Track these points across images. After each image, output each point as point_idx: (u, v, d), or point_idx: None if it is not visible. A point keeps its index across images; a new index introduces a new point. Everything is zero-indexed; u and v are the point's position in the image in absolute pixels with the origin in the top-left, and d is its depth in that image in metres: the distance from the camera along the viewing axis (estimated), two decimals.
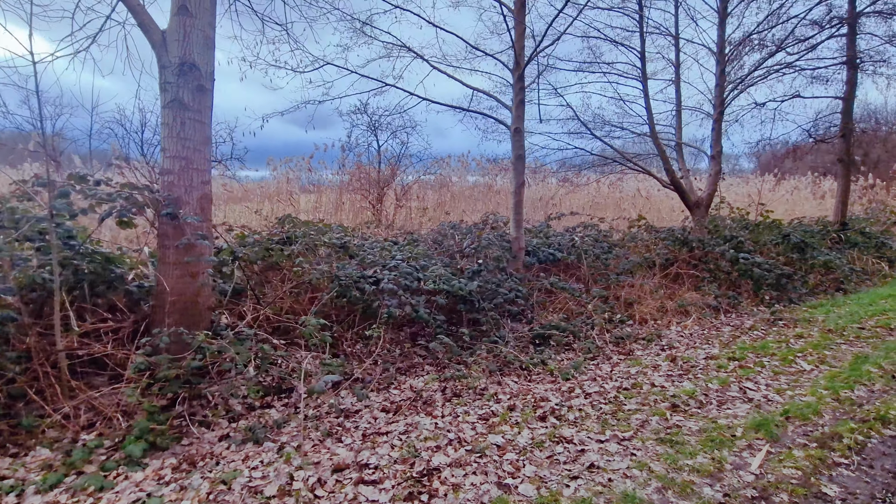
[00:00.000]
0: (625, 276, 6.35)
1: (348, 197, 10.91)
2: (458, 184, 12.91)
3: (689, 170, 8.41)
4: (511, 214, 5.85)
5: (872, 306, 5.85)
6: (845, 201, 10.02)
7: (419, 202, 11.84)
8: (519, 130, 5.66)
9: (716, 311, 6.16)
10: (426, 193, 12.19)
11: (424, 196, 12.03)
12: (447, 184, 12.79)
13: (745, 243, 7.47)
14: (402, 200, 11.29)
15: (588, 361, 4.43)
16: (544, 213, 9.13)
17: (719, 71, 7.63)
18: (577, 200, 11.96)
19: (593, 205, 11.87)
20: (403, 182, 11.39)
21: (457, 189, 12.51)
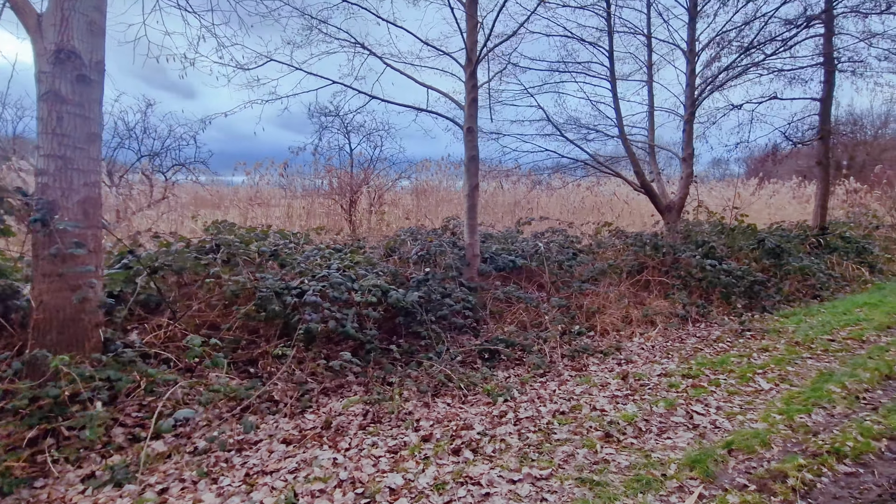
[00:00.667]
0: (589, 284, 6.01)
1: (321, 202, 10.54)
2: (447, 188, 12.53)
3: (661, 173, 8.12)
4: (464, 219, 5.50)
5: (846, 315, 5.55)
6: (825, 205, 9.77)
7: (394, 207, 11.48)
8: (472, 130, 5.33)
9: (683, 320, 5.83)
10: (405, 198, 11.81)
11: (402, 201, 11.66)
12: (426, 188, 12.45)
13: (718, 249, 7.17)
14: (377, 205, 10.93)
15: (537, 378, 4.08)
16: (518, 217, 8.80)
17: (690, 70, 7.36)
18: (554, 205, 11.66)
19: (572, 209, 11.58)
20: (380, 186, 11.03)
21: (443, 193, 12.12)
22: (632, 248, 6.78)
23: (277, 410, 3.36)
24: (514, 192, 11.00)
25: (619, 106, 7.46)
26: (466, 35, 5.25)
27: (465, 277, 5.44)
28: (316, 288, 3.89)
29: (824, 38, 9.36)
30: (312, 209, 10.55)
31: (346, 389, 3.76)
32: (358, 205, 10.72)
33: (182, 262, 4.06)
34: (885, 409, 2.95)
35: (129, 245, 4.54)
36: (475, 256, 5.47)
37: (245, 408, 3.32)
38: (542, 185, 9.98)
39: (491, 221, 9.60)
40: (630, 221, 10.82)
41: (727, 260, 7.26)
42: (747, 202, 13.45)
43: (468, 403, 3.48)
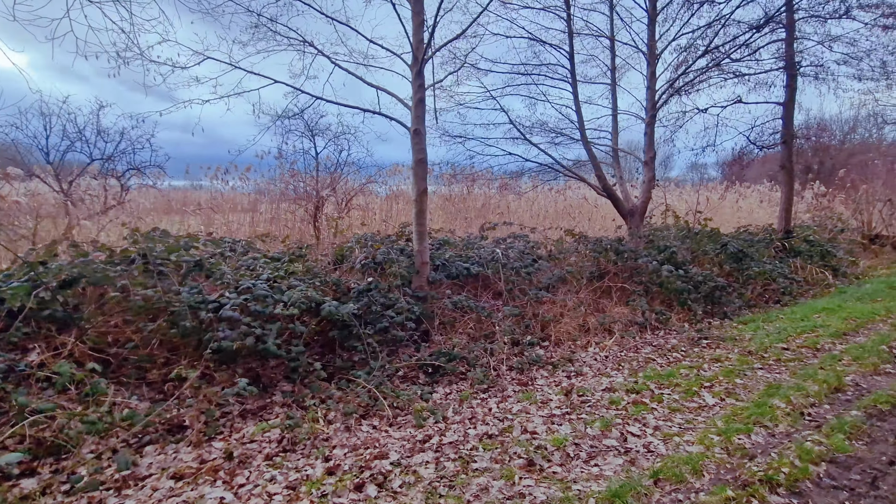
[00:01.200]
0: (546, 291, 5.81)
1: (288, 207, 10.18)
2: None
3: (623, 177, 8.00)
4: (413, 225, 5.25)
5: (804, 322, 5.44)
6: (789, 209, 9.80)
7: (365, 213, 11.16)
8: (419, 132, 5.09)
9: (642, 328, 5.67)
10: (375, 203, 11.48)
11: (372, 206, 11.32)
12: (397, 193, 12.16)
13: (680, 254, 7.05)
14: (344, 210, 10.60)
15: (479, 394, 3.84)
16: (484, 223, 8.58)
17: (650, 73, 7.26)
18: (525, 210, 11.49)
19: (543, 214, 11.42)
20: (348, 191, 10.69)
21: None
22: (592, 254, 6.61)
23: (182, 438, 3.05)
24: (485, 197, 10.80)
25: (581, 109, 7.33)
26: (412, 33, 5.02)
27: (414, 286, 5.18)
28: (236, 302, 3.58)
29: (785, 42, 9.41)
30: (277, 215, 10.19)
31: (268, 411, 3.46)
32: (324, 210, 10.39)
33: (90, 274, 3.71)
34: (829, 426, 2.78)
35: (42, 256, 4.18)
36: (424, 264, 5.21)
37: (145, 436, 3.00)
38: (510, 189, 9.80)
39: (461, 227, 9.38)
40: (602, 226, 10.68)
41: (690, 265, 7.15)
42: (717, 206, 13.50)
43: (395, 426, 3.21)
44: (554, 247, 6.95)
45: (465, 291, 5.86)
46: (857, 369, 3.77)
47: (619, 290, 6.53)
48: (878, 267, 10.56)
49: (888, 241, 12.21)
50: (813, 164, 26.27)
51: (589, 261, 6.82)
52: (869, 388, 3.43)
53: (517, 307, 5.63)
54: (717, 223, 13.27)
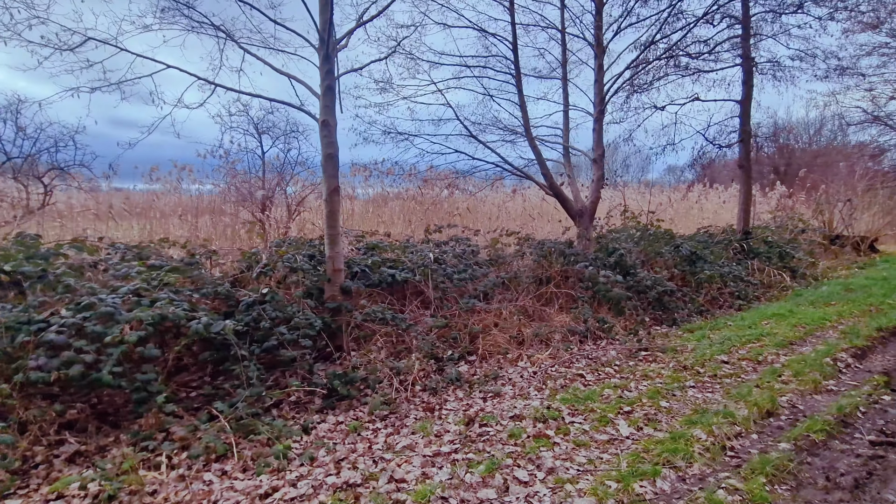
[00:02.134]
0: (477, 300, 5.31)
1: (230, 210, 9.47)
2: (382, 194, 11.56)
3: (573, 175, 7.58)
4: (325, 228, 4.68)
5: (752, 329, 5.06)
6: (747, 209, 9.55)
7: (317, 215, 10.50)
8: (328, 124, 4.53)
9: (583, 338, 5.22)
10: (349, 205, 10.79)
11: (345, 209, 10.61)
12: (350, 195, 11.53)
13: (630, 257, 6.65)
14: (295, 213, 9.95)
15: (375, 423, 3.30)
16: (429, 225, 8.04)
17: (598, 66, 6.86)
18: (482, 211, 11.00)
19: (499, 215, 10.95)
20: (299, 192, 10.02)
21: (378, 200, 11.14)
22: (532, 258, 6.14)
23: None
24: (436, 198, 10.28)
25: (525, 104, 6.88)
26: (318, 13, 4.47)
27: (326, 297, 4.62)
28: (68, 322, 2.97)
29: (742, 38, 9.17)
30: (220, 218, 9.48)
31: (106, 452, 2.86)
32: (271, 213, 9.72)
33: None
34: (750, 466, 2.32)
35: None
36: (337, 271, 4.65)
37: None
38: (462, 189, 9.31)
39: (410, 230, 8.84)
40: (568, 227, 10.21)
41: (641, 268, 6.76)
42: (680, 207, 13.29)
43: (248, 471, 2.64)
44: (492, 250, 6.46)
45: (391, 301, 5.33)
46: (795, 387, 3.35)
47: (565, 296, 6.09)
48: (837, 268, 10.42)
49: (848, 241, 12.14)
50: (780, 166, 26.64)
51: (535, 265, 6.36)
52: (805, 411, 3.01)
53: (445, 317, 5.12)
54: (681, 224, 13.09)
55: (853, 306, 6.09)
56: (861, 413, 2.92)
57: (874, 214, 13.83)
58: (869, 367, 3.82)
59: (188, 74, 4.76)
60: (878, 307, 6.10)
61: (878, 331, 4.65)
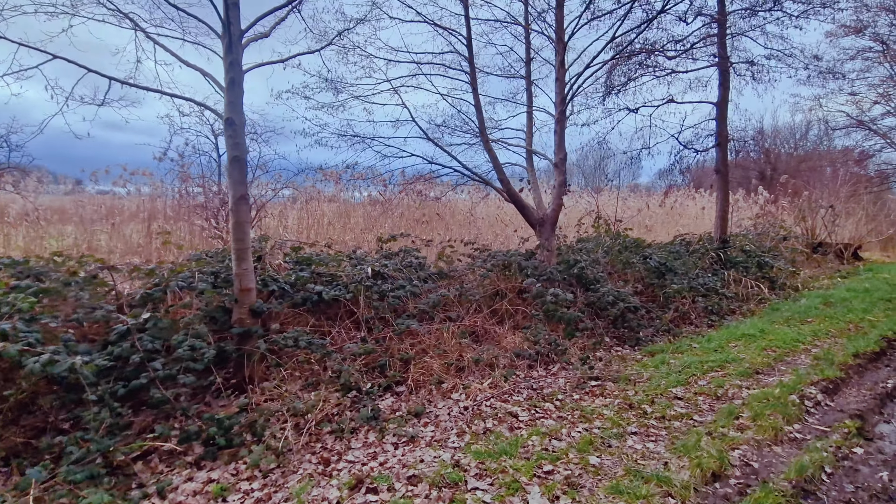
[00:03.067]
0: (413, 321, 4.75)
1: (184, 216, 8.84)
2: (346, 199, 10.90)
3: (536, 181, 7.07)
4: (231, 242, 4.10)
5: (717, 354, 4.55)
6: (725, 216, 9.09)
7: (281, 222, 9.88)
8: (232, 122, 3.96)
9: (533, 363, 4.68)
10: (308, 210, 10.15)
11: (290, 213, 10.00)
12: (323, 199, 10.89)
13: (592, 269, 6.13)
14: (255, 219, 9.32)
15: (254, 480, 2.73)
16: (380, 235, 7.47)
17: (559, 62, 6.36)
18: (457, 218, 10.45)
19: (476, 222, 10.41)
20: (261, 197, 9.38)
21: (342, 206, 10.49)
22: (480, 272, 5.59)
23: None
24: (403, 204, 9.72)
25: (480, 103, 6.36)
26: None
27: (233, 320, 4.05)
28: None
29: (718, 37, 8.74)
30: (177, 224, 8.85)
31: None
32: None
33: None
34: None
35: None
36: (246, 291, 4.07)
37: None
38: (423, 195, 8.76)
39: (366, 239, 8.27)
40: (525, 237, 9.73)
41: (606, 282, 6.25)
42: (657, 214, 12.85)
43: None
44: (444, 262, 5.92)
45: (319, 322, 4.77)
46: (752, 435, 2.83)
47: (522, 314, 5.56)
48: (819, 277, 10.01)
49: (831, 248, 11.76)
50: (766, 170, 26.43)
51: (487, 279, 5.83)
52: (760, 471, 2.48)
53: (378, 340, 4.57)
54: (661, 231, 12.64)
55: (831, 324, 5.62)
56: (826, 475, 2.40)
57: (858, 221, 13.49)
58: (841, 405, 3.31)
59: (78, 66, 4.17)
60: (857, 325, 5.63)
61: (854, 357, 4.15)
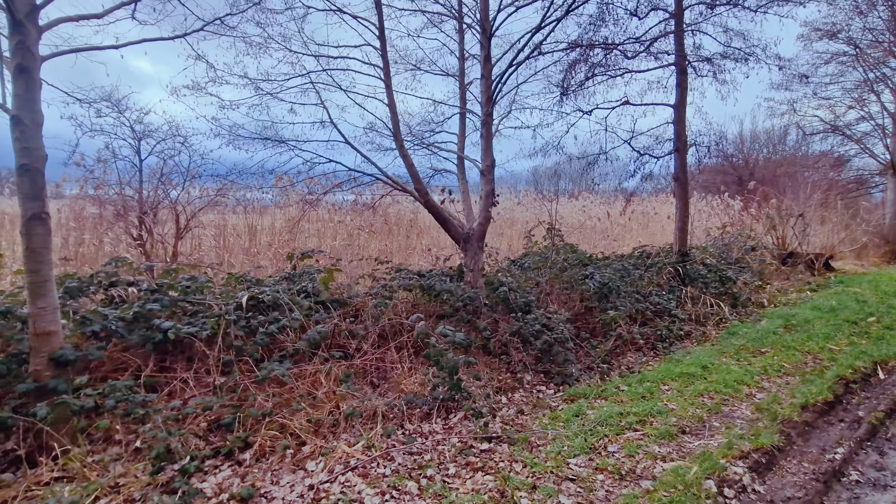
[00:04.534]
0: (283, 362, 3.92)
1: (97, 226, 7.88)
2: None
3: (467, 190, 6.29)
4: (26, 274, 3.23)
5: (644, 402, 3.78)
6: (685, 227, 8.40)
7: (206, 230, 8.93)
8: (20, 121, 3.11)
9: (430, 412, 3.87)
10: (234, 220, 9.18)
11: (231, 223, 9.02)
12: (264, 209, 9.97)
13: (518, 292, 5.36)
14: (185, 230, 8.38)
15: None
16: (291, 251, 6.62)
17: (484, 56, 5.60)
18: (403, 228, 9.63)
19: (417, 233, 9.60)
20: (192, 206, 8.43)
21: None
22: (374, 301, 4.76)
23: None
24: (336, 215, 8.86)
25: (394, 102, 5.56)
26: None
27: (30, 371, 3.18)
28: None
29: (675, 34, 8.09)
30: (88, 235, 7.88)
31: None
32: (155, 229, 8.14)
33: None
34: None
35: None
36: (45, 336, 3.20)
37: None
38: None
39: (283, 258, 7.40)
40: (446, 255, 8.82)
41: (537, 307, 5.48)
42: (625, 221, 12.19)
43: None
44: (343, 289, 5.09)
45: (166, 367, 3.91)
46: None
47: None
48: (788, 290, 9.39)
49: (801, 259, 11.17)
50: (744, 176, 26.08)
51: (405, 304, 5.03)
52: None
53: (234, 389, 3.72)
54: (628, 242, 11.95)
55: (786, 356, 4.90)
56: None
57: (830, 229, 12.97)
58: (773, 490, 2.55)
59: None
60: (816, 356, 4.92)
61: (801, 410, 3.41)
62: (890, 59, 14.32)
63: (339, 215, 7.65)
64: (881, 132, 14.94)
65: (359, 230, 8.31)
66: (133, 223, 7.86)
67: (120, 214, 7.87)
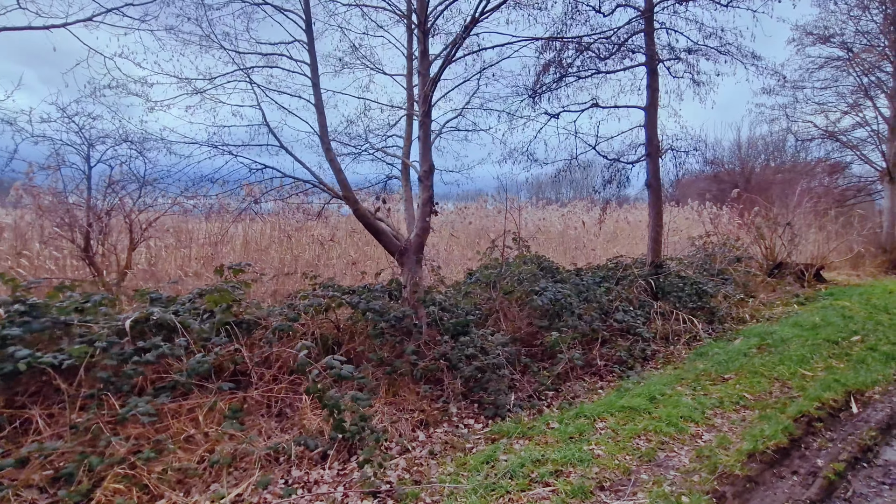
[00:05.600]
0: (158, 396, 3.40)
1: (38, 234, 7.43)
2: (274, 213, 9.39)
3: (410, 198, 5.80)
4: None
5: (570, 445, 3.23)
6: (658, 238, 7.87)
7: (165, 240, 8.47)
8: None
9: (326, 453, 3.35)
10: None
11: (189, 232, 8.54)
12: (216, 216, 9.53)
13: (456, 310, 4.84)
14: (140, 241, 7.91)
15: None
16: (221, 264, 6.12)
17: (421, 51, 5.13)
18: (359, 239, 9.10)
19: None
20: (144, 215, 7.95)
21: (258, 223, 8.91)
22: (276, 322, 4.24)
23: None
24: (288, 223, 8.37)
25: (322, 102, 5.09)
26: None
27: None
28: None
29: (645, 33, 7.63)
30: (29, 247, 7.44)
31: None
32: (106, 241, 7.65)
33: None
34: None
35: None
36: None
37: None
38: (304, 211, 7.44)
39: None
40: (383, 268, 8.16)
41: (479, 326, 4.96)
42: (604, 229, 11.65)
43: None
44: (255, 307, 4.57)
45: (16, 403, 3.40)
46: None
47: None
48: (775, 304, 8.84)
49: (790, 270, 10.59)
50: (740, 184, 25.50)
51: (328, 325, 4.52)
52: None
53: (89, 430, 3.20)
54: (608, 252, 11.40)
55: (751, 383, 4.35)
56: None
57: (821, 238, 12.39)
58: None
59: None
60: (785, 384, 4.36)
61: (747, 460, 2.85)
62: (884, 62, 13.84)
63: (285, 225, 7.16)
64: (877, 138, 14.42)
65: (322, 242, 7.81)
66: (81, 234, 7.37)
67: (67, 224, 7.39)
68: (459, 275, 7.58)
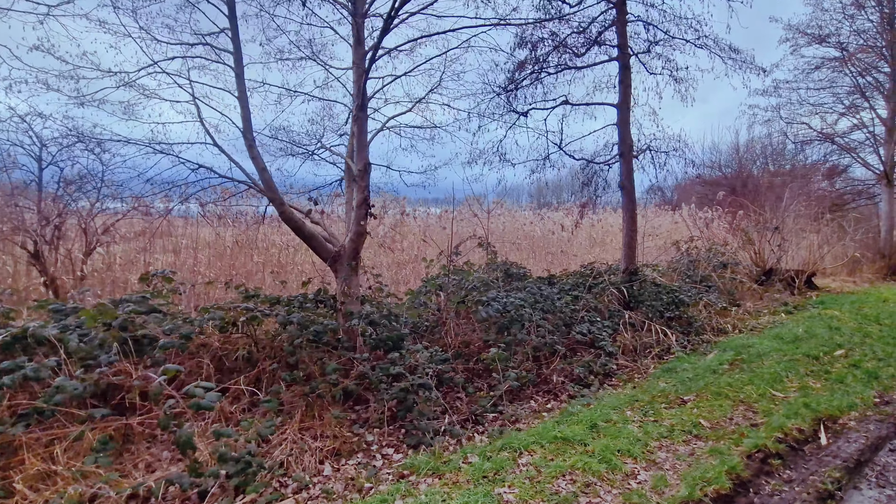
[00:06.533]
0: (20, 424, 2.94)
1: None
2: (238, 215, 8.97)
3: (350, 201, 5.34)
4: None
5: (479, 488, 2.75)
6: (632, 243, 7.38)
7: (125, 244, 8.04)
8: None
9: (207, 492, 2.87)
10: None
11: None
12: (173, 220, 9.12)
13: (388, 322, 4.37)
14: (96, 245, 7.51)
15: None
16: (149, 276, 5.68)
17: (355, 39, 4.70)
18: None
19: None
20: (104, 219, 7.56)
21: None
22: (212, 331, 3.79)
23: None
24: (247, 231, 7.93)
25: (246, 96, 4.66)
26: None
27: None
28: None
29: (617, 25, 7.19)
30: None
31: None
32: (59, 247, 7.23)
33: None
34: None
35: None
36: None
37: None
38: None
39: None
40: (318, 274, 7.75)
41: (416, 341, 4.49)
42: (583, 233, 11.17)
43: None
44: (175, 315, 4.11)
45: None
46: None
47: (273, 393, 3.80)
48: (761, 312, 8.32)
49: (778, 276, 10.06)
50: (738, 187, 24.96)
51: (221, 340, 4.05)
52: None
53: None
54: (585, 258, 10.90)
55: (711, 407, 3.85)
56: None
57: (814, 244, 11.84)
58: None
59: None
60: (750, 407, 3.87)
61: None
62: (882, 63, 13.34)
63: (224, 229, 6.73)
64: (874, 140, 13.91)
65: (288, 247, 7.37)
66: (30, 238, 6.94)
67: (17, 228, 6.97)
68: None
